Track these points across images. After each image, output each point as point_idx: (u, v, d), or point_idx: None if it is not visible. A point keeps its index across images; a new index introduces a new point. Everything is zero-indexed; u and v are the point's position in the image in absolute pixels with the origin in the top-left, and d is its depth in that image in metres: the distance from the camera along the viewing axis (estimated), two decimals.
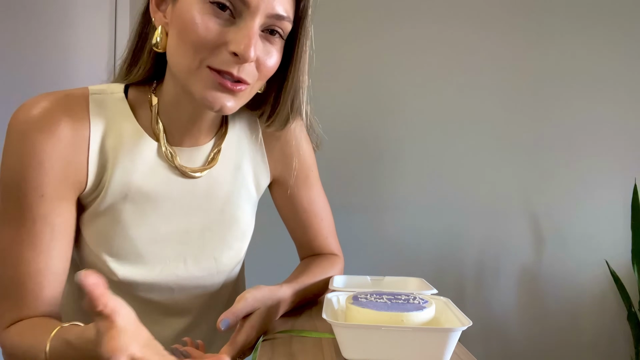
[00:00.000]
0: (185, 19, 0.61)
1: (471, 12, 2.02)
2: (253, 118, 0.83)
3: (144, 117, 0.73)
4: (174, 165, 0.73)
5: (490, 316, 2.01)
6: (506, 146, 2.02)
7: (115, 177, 0.69)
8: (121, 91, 0.72)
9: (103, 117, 0.69)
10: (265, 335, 0.70)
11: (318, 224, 0.91)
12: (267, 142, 0.84)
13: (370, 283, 0.84)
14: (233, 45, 0.61)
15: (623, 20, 2.03)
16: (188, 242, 0.76)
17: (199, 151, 0.76)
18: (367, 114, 2.01)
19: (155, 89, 0.73)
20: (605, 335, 2.01)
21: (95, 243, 0.71)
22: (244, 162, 0.81)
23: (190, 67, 0.63)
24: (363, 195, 2.00)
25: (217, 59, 0.62)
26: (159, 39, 0.66)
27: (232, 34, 0.61)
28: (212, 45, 0.61)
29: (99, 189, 0.70)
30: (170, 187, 0.74)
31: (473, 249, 2.02)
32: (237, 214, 0.80)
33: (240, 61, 0.62)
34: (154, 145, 0.72)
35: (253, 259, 1.30)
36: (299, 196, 0.88)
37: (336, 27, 1.98)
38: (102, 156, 0.69)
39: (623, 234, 1.98)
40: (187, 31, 0.61)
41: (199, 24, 0.61)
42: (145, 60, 0.71)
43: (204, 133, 0.76)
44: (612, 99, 2.03)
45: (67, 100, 0.67)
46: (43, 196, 0.65)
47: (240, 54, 0.61)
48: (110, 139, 0.69)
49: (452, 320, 0.60)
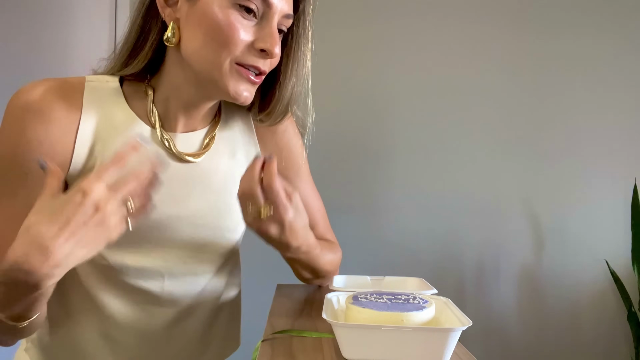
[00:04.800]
0: (215, 19, 0.66)
1: (469, 12, 2.02)
2: (243, 111, 0.85)
3: (138, 105, 0.75)
4: (170, 149, 0.75)
5: (490, 316, 2.01)
6: (506, 146, 2.03)
7: (106, 159, 0.70)
8: (116, 81, 0.75)
9: (96, 103, 0.72)
10: (265, 335, 0.70)
11: (313, 215, 0.92)
12: (260, 135, 0.86)
13: (370, 283, 0.84)
14: (261, 43, 0.67)
15: (623, 20, 2.03)
16: (179, 228, 0.76)
17: (194, 136, 0.78)
18: (368, 114, 2.01)
19: (150, 80, 0.75)
20: (605, 335, 2.01)
21: None
22: (238, 152, 0.82)
23: (220, 64, 0.67)
24: (363, 196, 2.00)
25: (245, 56, 0.68)
26: (170, 34, 0.69)
27: (258, 33, 0.68)
28: (242, 44, 0.67)
29: (85, 170, 0.71)
30: (164, 172, 0.74)
31: (473, 249, 2.02)
32: (231, 203, 0.80)
33: (268, 57, 0.69)
34: (147, 130, 0.74)
35: (252, 259, 1.30)
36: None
37: (331, 28, 1.98)
38: (92, 139, 0.71)
39: (623, 234, 1.98)
40: (217, 31, 0.66)
41: (232, 24, 0.66)
42: (146, 53, 0.72)
43: (200, 120, 0.78)
44: (612, 99, 2.03)
45: (63, 85, 0.70)
46: (27, 174, 0.67)
47: (269, 51, 0.68)
48: (102, 124, 0.71)
49: (452, 320, 0.60)
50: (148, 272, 0.75)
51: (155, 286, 0.76)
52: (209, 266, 0.81)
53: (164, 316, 0.79)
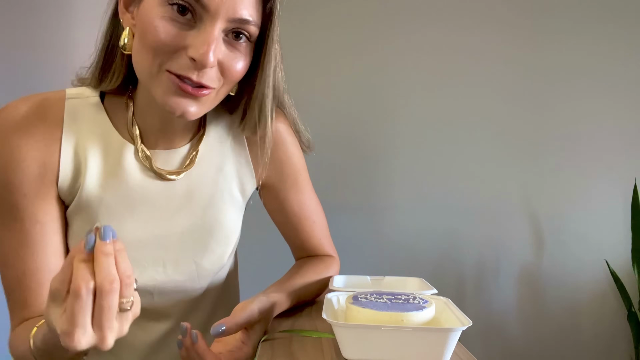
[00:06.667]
0: (146, 21, 0.61)
1: (469, 12, 2.02)
2: (236, 124, 0.80)
3: (120, 121, 0.72)
4: (150, 167, 0.72)
5: (490, 316, 2.01)
6: (506, 146, 2.03)
7: (90, 179, 0.70)
8: (97, 95, 0.72)
9: (77, 121, 0.70)
10: (265, 335, 0.70)
11: (310, 226, 0.90)
12: (252, 146, 0.81)
13: (370, 283, 0.84)
14: (191, 50, 0.60)
15: (623, 20, 2.03)
16: (167, 246, 0.74)
17: (175, 153, 0.75)
18: (367, 114, 2.01)
19: (131, 94, 0.73)
20: (605, 335, 2.01)
21: (75, 244, 0.70)
22: (226, 166, 0.79)
23: (151, 71, 0.62)
24: (363, 196, 2.01)
25: (176, 64, 0.61)
26: (126, 40, 0.65)
27: (192, 39, 0.60)
28: (170, 49, 0.61)
29: (74, 190, 0.70)
30: (147, 190, 0.73)
31: (473, 249, 2.02)
32: (219, 218, 0.78)
33: (199, 66, 0.61)
34: (130, 148, 0.72)
35: (249, 261, 1.30)
36: (288, 200, 0.86)
37: (333, 29, 1.98)
38: (75, 158, 0.69)
39: (623, 234, 1.98)
40: (146, 34, 0.61)
41: (158, 26, 0.60)
42: (119, 65, 0.70)
43: (178, 136, 0.75)
44: (612, 99, 2.03)
45: (42, 103, 0.68)
46: (26, 195, 0.67)
47: (198, 60, 0.60)
48: (84, 142, 0.70)
49: (452, 320, 0.60)
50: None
51: (145, 302, 0.74)
52: (200, 281, 0.79)
53: (157, 329, 0.78)
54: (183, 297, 0.78)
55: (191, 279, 0.77)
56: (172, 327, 0.79)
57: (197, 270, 0.77)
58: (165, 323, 0.78)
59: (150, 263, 0.73)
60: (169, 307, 0.78)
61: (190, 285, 0.77)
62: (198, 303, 0.81)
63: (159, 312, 0.77)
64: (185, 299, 0.78)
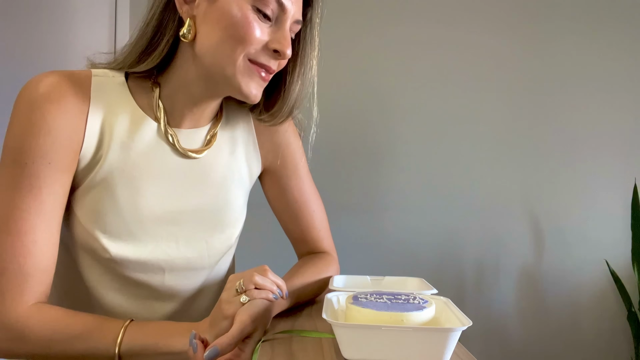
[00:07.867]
0: (235, 17, 0.69)
1: (472, 12, 2.02)
2: (244, 110, 0.88)
3: (143, 101, 0.77)
4: (174, 145, 0.77)
5: (490, 316, 2.01)
6: (506, 146, 2.03)
7: (113, 151, 0.73)
8: (122, 76, 0.76)
9: (103, 97, 0.73)
10: (265, 335, 0.70)
11: (310, 215, 0.93)
12: (259, 133, 0.88)
13: (370, 283, 0.84)
14: (275, 44, 0.71)
15: (623, 22, 2.03)
16: (181, 223, 0.78)
17: (197, 133, 0.80)
18: (367, 114, 2.01)
19: (157, 77, 0.77)
20: (605, 335, 2.01)
21: (88, 220, 0.73)
22: (237, 149, 0.85)
23: (235, 59, 0.70)
24: (363, 195, 2.01)
25: (258, 55, 0.71)
26: (186, 31, 0.71)
27: (272, 34, 0.71)
28: (258, 43, 0.70)
29: (94, 162, 0.72)
30: (167, 167, 0.77)
31: (473, 249, 2.02)
32: (231, 199, 0.83)
33: (280, 57, 0.72)
34: (153, 125, 0.76)
35: (252, 260, 1.30)
36: (289, 186, 0.91)
37: (334, 27, 1.98)
38: (100, 132, 0.72)
39: (623, 234, 1.98)
40: (236, 27, 0.69)
41: (250, 22, 0.69)
42: (162, 50, 0.74)
43: (204, 117, 0.80)
44: (612, 100, 2.03)
45: (71, 77, 0.72)
46: (50, 164, 0.68)
47: (282, 52, 0.71)
48: (109, 117, 0.73)
49: (452, 320, 0.60)
50: (149, 266, 0.76)
51: (156, 280, 0.77)
52: (209, 260, 0.82)
53: (163, 310, 0.80)
54: (192, 276, 0.81)
55: (201, 256, 0.80)
56: (178, 309, 0.82)
57: (207, 248, 0.81)
58: (172, 304, 0.81)
59: (165, 238, 0.77)
60: (178, 286, 0.80)
61: (199, 263, 0.80)
62: (204, 286, 0.83)
63: (168, 291, 0.79)
64: (194, 279, 0.81)
